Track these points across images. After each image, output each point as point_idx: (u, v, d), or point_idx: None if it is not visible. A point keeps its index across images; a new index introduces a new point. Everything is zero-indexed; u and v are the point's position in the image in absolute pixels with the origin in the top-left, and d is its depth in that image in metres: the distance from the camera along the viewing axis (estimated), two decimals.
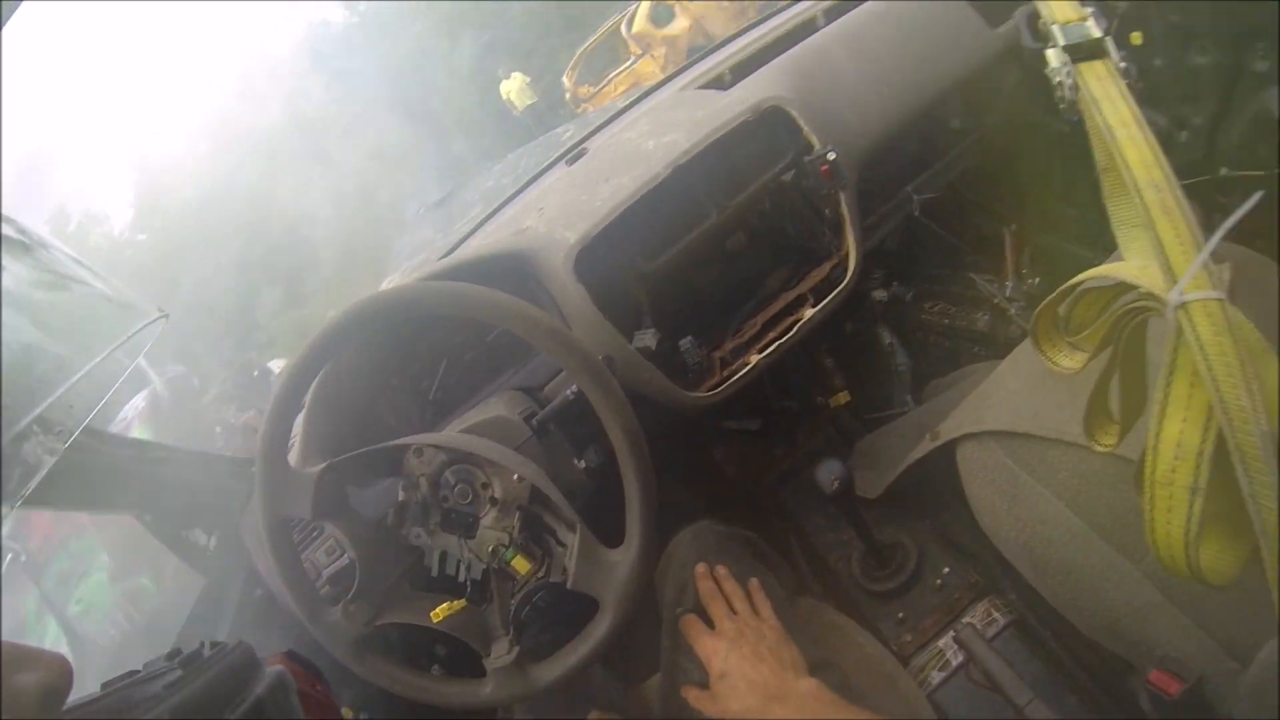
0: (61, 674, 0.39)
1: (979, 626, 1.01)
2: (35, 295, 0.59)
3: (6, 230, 0.58)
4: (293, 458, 0.93)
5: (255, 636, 1.10)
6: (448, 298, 0.81)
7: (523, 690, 0.82)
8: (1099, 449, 0.66)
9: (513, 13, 14.31)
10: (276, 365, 5.11)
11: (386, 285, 1.95)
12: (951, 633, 1.02)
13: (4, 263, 0.57)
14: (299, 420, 0.97)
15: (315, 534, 1.03)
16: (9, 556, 2.70)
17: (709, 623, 0.87)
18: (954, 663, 1.00)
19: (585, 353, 0.81)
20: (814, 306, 1.09)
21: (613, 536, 0.82)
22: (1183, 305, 0.50)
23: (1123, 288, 0.57)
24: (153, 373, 3.74)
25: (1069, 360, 0.67)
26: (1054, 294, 0.64)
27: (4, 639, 0.38)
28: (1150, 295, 0.54)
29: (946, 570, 1.10)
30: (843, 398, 1.42)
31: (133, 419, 3.53)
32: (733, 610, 0.88)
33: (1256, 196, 0.67)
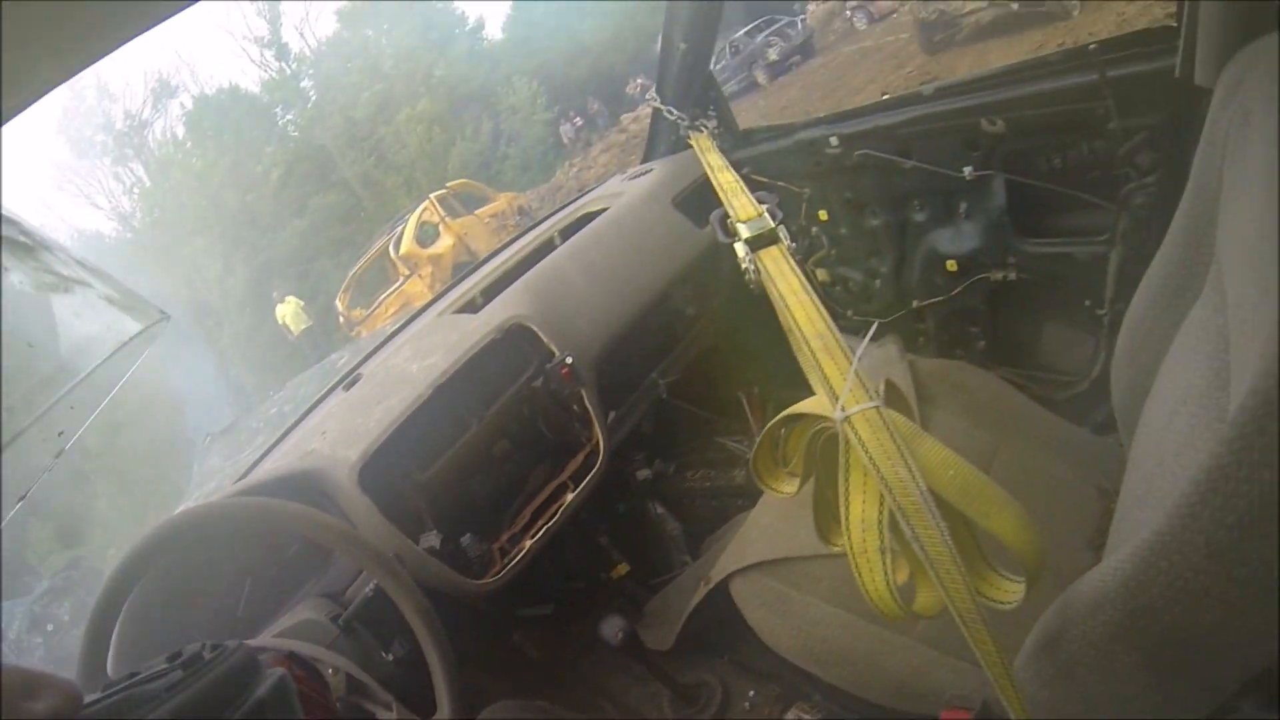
0: (70, 699, 0.39)
1: None
2: (37, 296, 0.59)
3: (8, 231, 0.58)
4: (111, 670, 0.95)
5: None
6: (252, 512, 0.90)
7: None
8: (834, 550, 0.74)
9: (284, 236, 14.36)
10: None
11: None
12: None
13: (6, 263, 0.56)
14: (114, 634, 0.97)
15: None
16: None
17: None
18: None
19: (376, 550, 0.91)
20: (574, 491, 1.24)
21: (428, 711, 0.89)
22: (846, 419, 0.63)
23: (812, 419, 0.70)
24: None
25: (788, 486, 0.79)
26: (761, 437, 0.77)
27: (15, 664, 0.38)
28: (825, 419, 0.66)
29: (752, 693, 1.20)
30: (622, 569, 1.55)
31: None
32: None
33: (874, 326, 0.90)
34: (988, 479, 0.58)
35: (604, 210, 1.61)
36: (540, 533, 1.20)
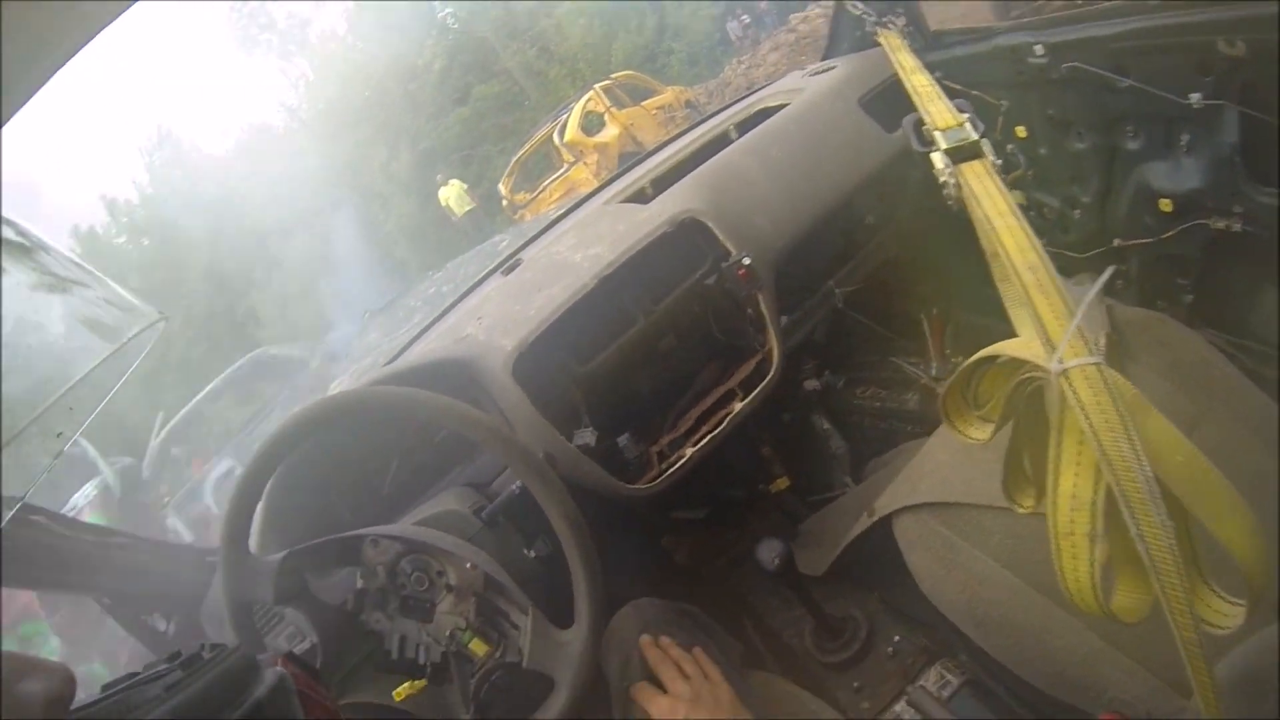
0: (65, 682, 0.39)
1: (933, 689, 1.04)
2: (35, 297, 0.59)
3: (7, 233, 0.58)
4: (253, 544, 0.96)
5: None
6: (398, 402, 0.90)
7: None
8: (1020, 511, 0.69)
9: (447, 123, 14.96)
10: (224, 465, 4.83)
11: (335, 386, 1.90)
12: (905, 697, 1.05)
13: (4, 265, 0.57)
14: (259, 509, 1.01)
15: (276, 621, 1.05)
16: None
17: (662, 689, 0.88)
18: None
19: (525, 450, 0.89)
20: (743, 400, 1.16)
21: (565, 618, 0.88)
22: (1063, 372, 0.54)
23: (1017, 363, 0.62)
24: (102, 463, 3.71)
25: (978, 432, 0.71)
26: (956, 374, 0.69)
27: (6, 649, 0.39)
28: (1036, 366, 0.58)
29: (897, 638, 1.14)
30: (782, 483, 1.47)
31: (84, 507, 3.49)
32: (684, 674, 0.90)
33: (1109, 271, 0.75)
34: (1220, 474, 0.50)
35: (784, 106, 1.48)
36: (704, 441, 1.14)
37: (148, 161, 17.79)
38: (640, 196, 1.43)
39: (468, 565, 0.89)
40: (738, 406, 1.16)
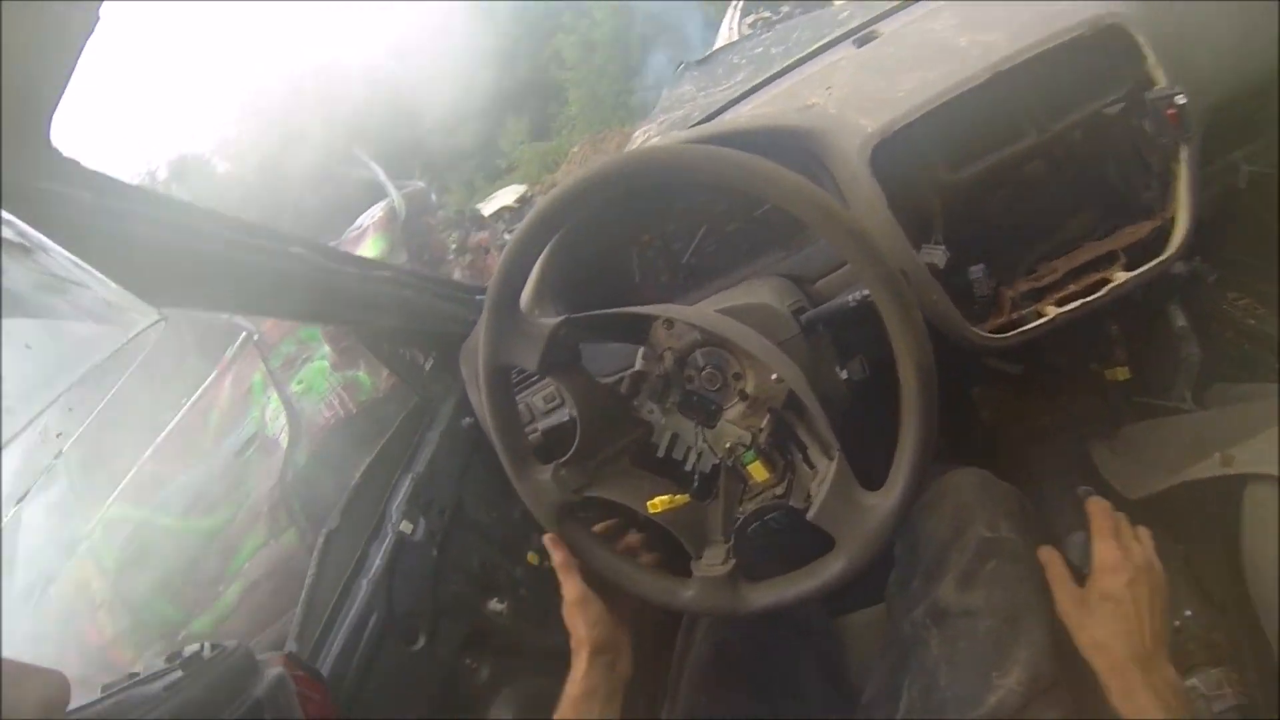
0: (59, 688, 0.40)
1: (1205, 692, 0.88)
2: (34, 298, 0.60)
3: (6, 233, 0.58)
4: (523, 298, 0.82)
5: (456, 459, 1.13)
6: (727, 167, 0.70)
7: (727, 606, 0.75)
8: None
9: None
10: (506, 195, 4.85)
11: (640, 134, 1.73)
12: None
13: (3, 265, 0.57)
14: (537, 265, 0.89)
15: (536, 377, 0.98)
16: (242, 335, 2.81)
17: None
18: None
19: (889, 265, 0.67)
20: (1126, 269, 0.94)
21: (855, 465, 0.73)
22: None
23: None
24: (390, 186, 3.56)
25: None
26: None
27: (4, 656, 0.39)
28: None
29: (1188, 613, 0.94)
30: (1122, 373, 1.20)
31: (368, 227, 3.37)
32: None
33: None
34: None
35: None
36: (1074, 305, 0.93)
37: None
38: None
39: (773, 376, 0.74)
40: (1121, 277, 0.93)
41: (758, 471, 0.75)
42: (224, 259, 0.76)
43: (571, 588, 0.80)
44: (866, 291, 0.79)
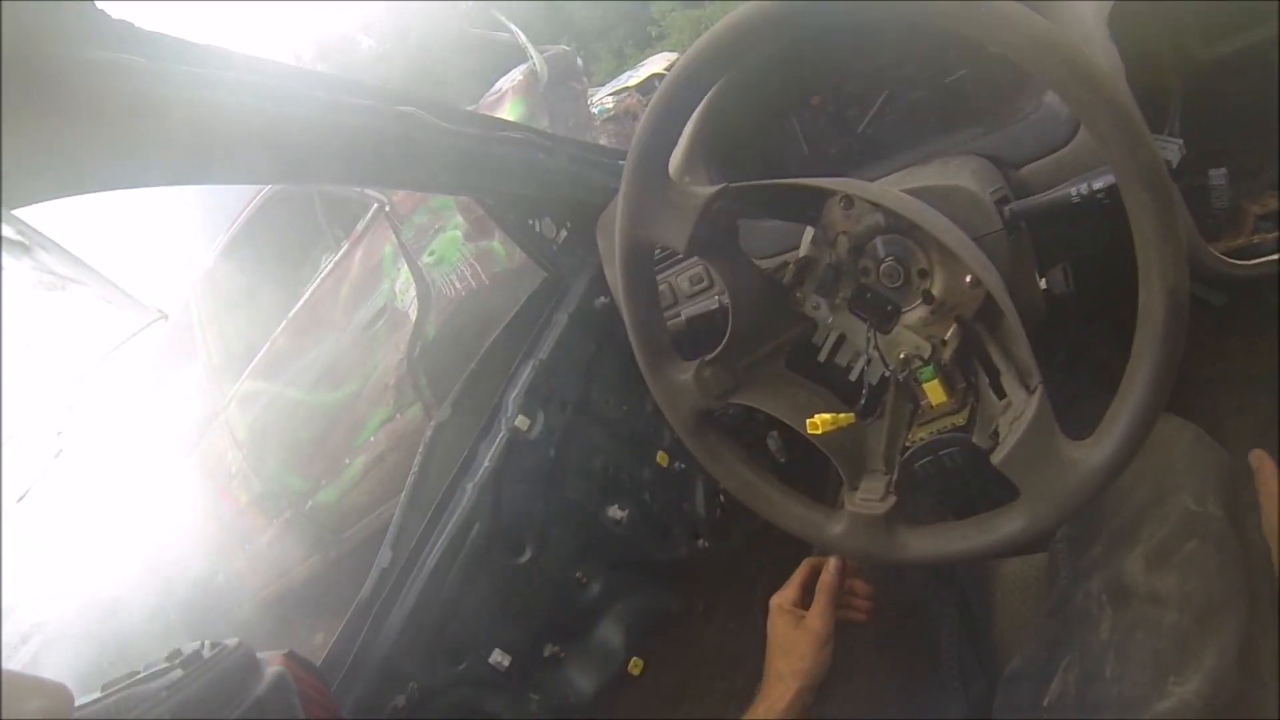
0: (62, 701, 0.39)
1: None
2: (35, 296, 0.60)
3: (7, 231, 0.57)
4: (672, 163, 0.70)
5: (586, 345, 1.03)
6: (939, 15, 0.53)
7: (880, 552, 0.65)
8: None
9: None
10: (657, 62, 4.67)
11: None
12: None
13: (4, 262, 0.57)
14: (688, 126, 0.79)
15: (682, 255, 0.88)
16: (374, 206, 2.72)
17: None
18: None
19: (1156, 153, 0.51)
20: None
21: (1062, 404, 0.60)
22: None
23: None
24: (532, 49, 3.37)
25: None
26: None
27: (6, 668, 0.38)
28: None
29: None
30: None
31: (507, 90, 3.22)
32: None
33: None
34: None
35: None
36: None
37: None
38: None
39: (967, 279, 0.62)
40: None
41: (934, 392, 0.63)
42: (318, 123, 0.66)
43: (824, 622, 0.73)
44: (1099, 185, 0.65)
